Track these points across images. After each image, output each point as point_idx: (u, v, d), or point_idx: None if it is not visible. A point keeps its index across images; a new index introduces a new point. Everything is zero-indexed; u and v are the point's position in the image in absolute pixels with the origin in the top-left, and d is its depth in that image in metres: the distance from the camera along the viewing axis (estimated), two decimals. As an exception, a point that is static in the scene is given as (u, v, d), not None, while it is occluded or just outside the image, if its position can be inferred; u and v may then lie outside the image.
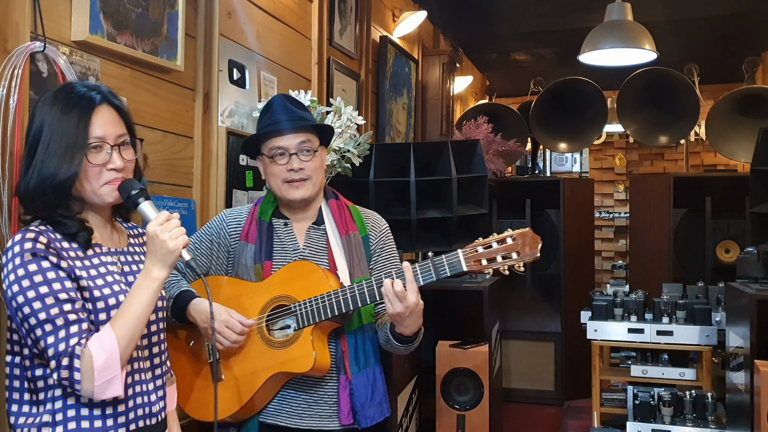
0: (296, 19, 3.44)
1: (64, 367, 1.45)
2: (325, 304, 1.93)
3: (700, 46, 6.64)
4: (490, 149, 4.96)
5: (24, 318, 1.47)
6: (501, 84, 8.00)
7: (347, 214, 2.16)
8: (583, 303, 4.77)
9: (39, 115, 1.57)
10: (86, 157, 1.55)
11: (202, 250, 2.16)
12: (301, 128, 2.08)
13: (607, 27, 4.46)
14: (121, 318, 1.52)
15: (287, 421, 2.02)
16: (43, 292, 1.46)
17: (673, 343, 3.99)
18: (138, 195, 1.61)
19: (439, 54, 5.76)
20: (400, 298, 1.87)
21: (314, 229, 2.13)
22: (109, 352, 1.47)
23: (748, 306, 3.08)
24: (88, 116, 1.56)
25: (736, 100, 5.47)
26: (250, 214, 2.16)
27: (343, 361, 2.03)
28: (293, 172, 2.06)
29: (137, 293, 1.54)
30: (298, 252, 2.10)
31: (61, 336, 1.46)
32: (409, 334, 1.98)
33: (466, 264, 1.87)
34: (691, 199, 5.15)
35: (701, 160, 7.89)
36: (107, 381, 1.47)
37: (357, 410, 2.02)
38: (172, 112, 2.49)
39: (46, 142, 1.53)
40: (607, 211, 8.74)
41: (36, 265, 1.47)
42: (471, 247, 1.89)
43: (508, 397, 5.21)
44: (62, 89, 1.61)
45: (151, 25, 2.31)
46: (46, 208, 1.55)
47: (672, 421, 3.72)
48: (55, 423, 1.52)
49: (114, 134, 1.60)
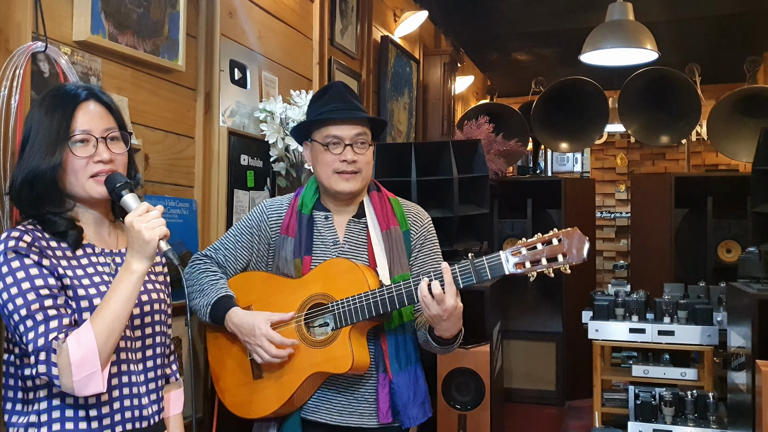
0: (297, 19, 3.44)
1: (42, 361, 1.45)
2: (363, 305, 1.90)
3: (702, 45, 6.64)
4: (492, 149, 4.96)
5: (9, 314, 1.48)
6: (502, 84, 8.00)
7: (389, 207, 2.11)
8: (584, 303, 4.77)
9: (29, 116, 1.60)
10: (71, 149, 1.56)
11: (242, 242, 2.14)
12: (359, 120, 2.05)
13: (608, 27, 4.46)
14: (100, 313, 1.50)
15: (327, 417, 2.01)
16: (25, 287, 1.47)
17: (675, 343, 3.99)
18: (122, 187, 1.59)
19: (440, 54, 5.76)
20: (438, 301, 1.82)
21: (354, 222, 2.10)
22: (86, 347, 1.46)
23: (750, 306, 3.08)
24: (71, 111, 1.57)
25: (737, 100, 5.46)
26: (291, 205, 2.13)
27: (384, 359, 2.00)
28: (346, 164, 2.02)
29: (117, 287, 1.52)
30: (338, 246, 2.07)
31: (40, 331, 1.46)
32: (448, 336, 1.94)
33: (509, 267, 1.80)
34: (692, 199, 5.14)
35: (703, 160, 7.88)
36: (87, 376, 1.45)
37: (399, 410, 1.99)
38: (174, 112, 2.49)
39: (32, 140, 1.56)
40: (608, 211, 8.74)
41: (18, 262, 1.48)
42: (514, 248, 1.79)
43: (509, 397, 5.21)
44: (52, 90, 1.64)
45: (153, 25, 2.31)
46: (33, 205, 1.57)
47: (673, 421, 3.72)
48: (40, 423, 1.52)
49: (100, 128, 1.60)
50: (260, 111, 2.91)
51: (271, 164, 2.99)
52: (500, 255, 1.80)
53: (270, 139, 2.88)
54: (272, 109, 2.89)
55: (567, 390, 5.39)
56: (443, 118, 5.59)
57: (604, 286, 6.90)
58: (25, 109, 1.83)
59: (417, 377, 2.05)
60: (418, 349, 2.08)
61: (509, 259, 1.79)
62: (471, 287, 1.88)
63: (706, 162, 8.04)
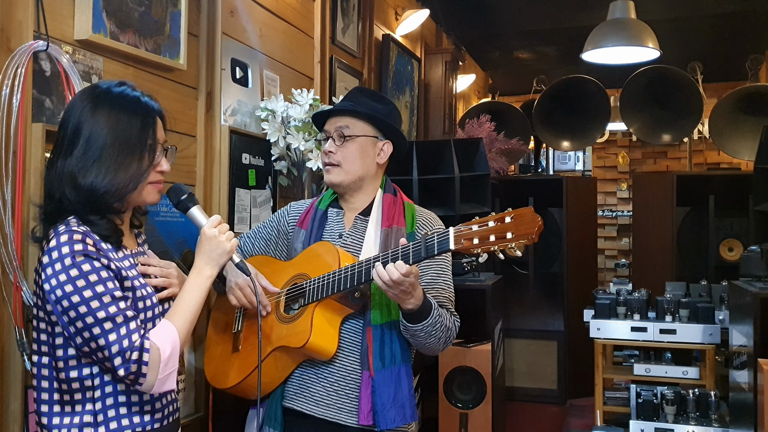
0: (299, 18, 3.44)
1: (133, 361, 1.48)
2: (328, 281, 1.93)
3: (704, 44, 6.63)
4: (493, 148, 4.96)
5: (78, 317, 1.47)
6: (504, 82, 7.99)
7: (399, 209, 2.12)
8: (586, 301, 4.77)
9: (85, 116, 1.56)
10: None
11: (262, 234, 2.26)
12: (344, 113, 2.08)
13: (610, 25, 4.45)
14: (178, 313, 1.59)
15: (306, 407, 2.01)
16: (100, 291, 1.48)
17: (676, 342, 3.98)
18: (188, 200, 1.77)
19: (441, 52, 5.75)
20: (387, 277, 1.78)
21: (360, 219, 2.13)
22: (173, 345, 1.54)
23: (752, 304, 3.08)
24: (152, 122, 1.62)
25: (739, 98, 5.46)
26: (311, 203, 2.22)
27: (367, 355, 1.97)
28: (325, 155, 2.10)
29: (191, 290, 1.63)
30: (342, 239, 2.11)
31: (123, 333, 1.48)
32: (410, 308, 1.88)
33: (455, 243, 1.72)
34: (694, 198, 5.14)
35: (704, 159, 7.88)
36: (168, 374, 1.53)
37: (377, 410, 1.94)
38: (175, 111, 2.49)
39: (105, 147, 1.54)
40: (610, 209, 8.73)
41: (89, 265, 1.49)
42: (466, 224, 1.73)
43: (510, 395, 5.21)
44: (111, 93, 1.61)
45: (154, 23, 2.31)
46: (94, 211, 1.55)
47: (675, 419, 3.72)
48: (96, 423, 1.54)
49: (163, 138, 1.66)
50: (261, 110, 2.91)
51: (273, 163, 2.99)
52: (449, 230, 1.74)
53: (271, 138, 2.88)
54: (273, 107, 2.89)
55: (568, 388, 5.39)
56: (445, 116, 5.59)
57: (605, 284, 6.90)
58: (26, 108, 1.83)
59: (400, 378, 1.98)
60: (407, 350, 2.04)
61: (457, 234, 1.73)
62: (471, 286, 1.87)
63: (708, 160, 8.03)
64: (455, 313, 2.09)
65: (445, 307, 2.04)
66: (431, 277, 2.06)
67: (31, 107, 1.86)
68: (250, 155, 2.87)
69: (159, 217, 2.33)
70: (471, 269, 3.62)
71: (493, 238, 1.68)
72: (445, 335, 2.00)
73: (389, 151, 2.15)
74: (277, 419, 2.03)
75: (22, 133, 1.80)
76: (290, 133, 2.87)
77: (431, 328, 1.93)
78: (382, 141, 2.12)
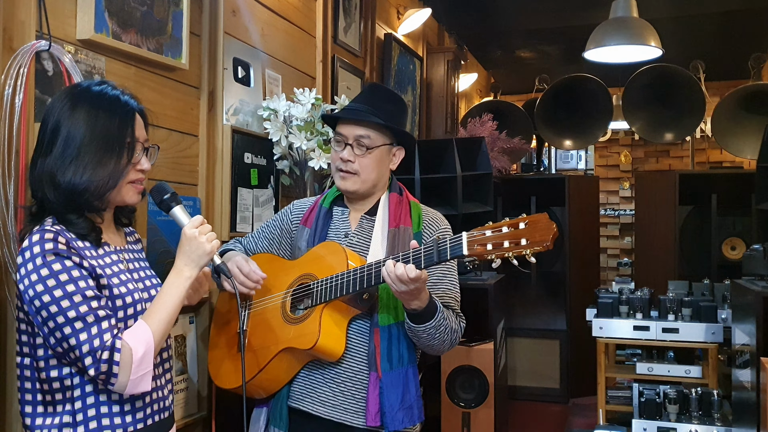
0: (301, 17, 3.44)
1: (104, 360, 1.46)
2: (337, 283, 1.92)
3: (706, 42, 6.62)
4: (495, 147, 4.96)
5: (49, 317, 1.46)
6: (506, 81, 7.99)
7: (405, 209, 2.11)
8: (588, 300, 4.76)
9: (64, 116, 1.56)
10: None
11: (266, 233, 2.26)
12: (365, 122, 2.05)
13: (612, 24, 4.45)
14: (155, 314, 1.56)
15: (312, 407, 2.01)
16: (70, 290, 1.46)
17: (679, 341, 3.98)
18: (170, 199, 1.73)
19: (443, 51, 5.75)
20: (399, 279, 1.78)
21: (366, 219, 2.12)
22: (146, 346, 1.51)
23: (754, 303, 3.07)
24: (130, 120, 1.60)
25: (741, 97, 5.45)
26: (315, 201, 2.21)
27: (375, 357, 1.96)
28: (342, 162, 2.07)
29: (169, 290, 1.60)
30: (348, 239, 2.09)
31: (94, 332, 1.46)
32: (415, 307, 1.88)
33: (468, 248, 1.71)
34: (696, 196, 5.13)
35: (707, 157, 7.87)
36: (141, 375, 1.50)
37: (385, 411, 1.93)
38: (177, 111, 2.50)
39: (81, 146, 1.53)
40: (612, 208, 8.73)
41: (60, 264, 1.47)
42: (479, 229, 1.71)
43: (513, 394, 5.21)
44: (90, 92, 1.61)
45: (156, 23, 2.31)
46: (71, 210, 1.55)
47: (678, 418, 3.72)
48: (76, 423, 1.53)
49: (143, 136, 1.64)
50: (264, 109, 2.91)
51: (275, 162, 2.99)
52: (462, 236, 1.72)
53: (273, 137, 2.88)
54: (276, 107, 2.89)
55: (571, 387, 5.39)
56: (447, 115, 5.59)
57: (608, 283, 6.90)
58: (29, 108, 1.83)
59: (408, 379, 1.98)
60: (414, 351, 2.04)
61: (470, 240, 1.70)
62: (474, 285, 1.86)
63: (711, 159, 8.02)
64: (461, 314, 2.08)
65: (450, 307, 2.04)
66: (437, 277, 2.05)
67: (34, 107, 1.86)
68: (252, 155, 2.87)
69: (162, 216, 2.33)
70: (474, 268, 3.63)
71: (507, 245, 1.67)
72: (450, 337, 2.00)
73: (401, 156, 2.15)
74: (283, 419, 2.03)
75: (25, 133, 1.80)
76: (292, 133, 2.87)
77: (435, 330, 1.93)
78: (396, 147, 2.13)
